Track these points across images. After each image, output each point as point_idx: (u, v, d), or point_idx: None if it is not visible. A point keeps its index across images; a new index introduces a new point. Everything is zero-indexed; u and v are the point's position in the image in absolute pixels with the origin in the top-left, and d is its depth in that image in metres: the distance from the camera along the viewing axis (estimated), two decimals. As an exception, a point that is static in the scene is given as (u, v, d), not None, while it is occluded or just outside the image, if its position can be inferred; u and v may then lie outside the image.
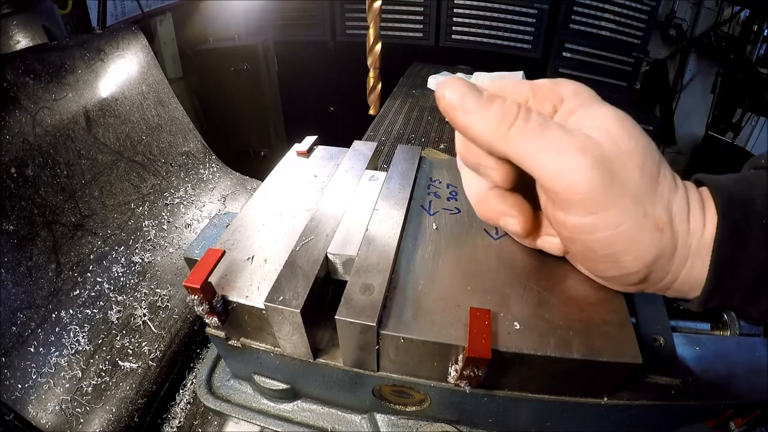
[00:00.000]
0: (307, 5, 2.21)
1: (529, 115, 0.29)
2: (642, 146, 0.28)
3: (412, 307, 0.34)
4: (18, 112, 0.61)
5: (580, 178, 0.27)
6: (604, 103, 0.30)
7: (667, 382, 0.36)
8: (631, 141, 0.28)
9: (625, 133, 0.28)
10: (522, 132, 0.28)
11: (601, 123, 0.29)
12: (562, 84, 0.32)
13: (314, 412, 0.45)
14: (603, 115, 0.29)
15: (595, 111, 0.30)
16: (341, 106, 2.47)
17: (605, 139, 0.28)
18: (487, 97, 0.30)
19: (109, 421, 0.50)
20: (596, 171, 0.27)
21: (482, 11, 2.07)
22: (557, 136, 0.28)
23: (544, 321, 0.33)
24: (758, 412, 0.38)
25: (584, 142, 0.28)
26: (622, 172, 0.27)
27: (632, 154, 0.28)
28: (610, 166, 0.27)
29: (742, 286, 0.28)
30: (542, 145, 0.28)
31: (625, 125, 0.29)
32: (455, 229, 0.42)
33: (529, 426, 0.39)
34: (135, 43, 0.85)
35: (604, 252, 0.29)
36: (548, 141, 0.28)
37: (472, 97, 0.30)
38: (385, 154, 1.11)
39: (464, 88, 0.30)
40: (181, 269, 0.69)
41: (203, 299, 0.34)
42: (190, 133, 0.90)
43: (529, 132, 0.28)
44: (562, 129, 0.28)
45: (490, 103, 0.29)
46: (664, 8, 2.27)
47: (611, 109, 0.30)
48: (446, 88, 0.30)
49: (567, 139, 0.28)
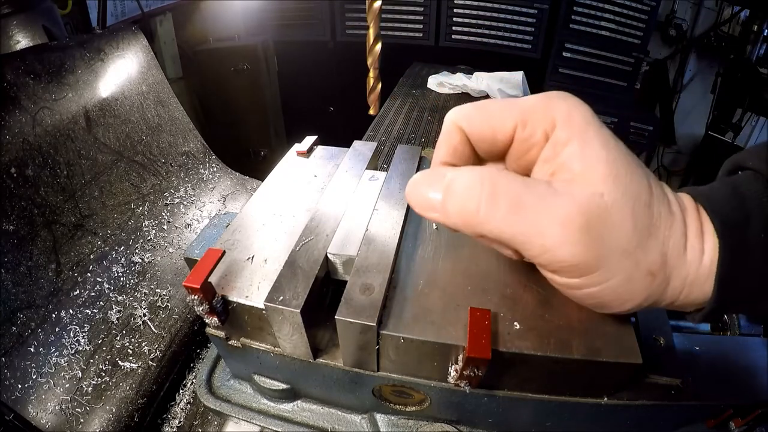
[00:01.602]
0: (307, 5, 2.21)
1: (495, 198, 0.27)
2: (632, 192, 0.27)
3: (412, 307, 0.34)
4: (18, 112, 0.61)
5: (565, 254, 0.26)
6: (597, 133, 0.28)
7: (667, 382, 0.36)
8: (620, 192, 0.26)
9: (616, 183, 0.26)
10: (494, 218, 0.27)
11: (589, 172, 0.27)
12: (554, 103, 0.29)
13: (314, 412, 0.45)
14: (593, 159, 0.27)
15: (585, 150, 0.27)
16: (341, 106, 2.47)
17: (592, 199, 0.26)
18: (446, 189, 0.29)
19: (109, 421, 0.50)
20: (581, 242, 0.26)
21: (482, 11, 2.07)
22: (534, 213, 0.26)
23: (544, 321, 0.33)
24: (758, 412, 0.38)
25: (566, 212, 0.26)
26: (611, 231, 0.26)
27: (622, 208, 0.26)
28: (597, 230, 0.26)
29: (743, 298, 0.28)
30: (519, 227, 0.27)
31: (616, 171, 0.27)
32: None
33: (529, 426, 0.39)
34: (135, 43, 0.85)
35: (592, 302, 0.30)
36: (525, 221, 0.26)
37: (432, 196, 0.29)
38: (385, 154, 1.10)
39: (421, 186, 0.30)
40: (181, 269, 0.69)
41: (203, 299, 0.34)
42: (190, 133, 0.90)
43: (500, 216, 0.27)
44: (538, 199, 0.26)
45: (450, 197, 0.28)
46: (664, 8, 2.27)
47: (601, 144, 0.27)
48: (409, 196, 0.31)
49: (546, 213, 0.26)
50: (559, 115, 0.29)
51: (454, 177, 0.29)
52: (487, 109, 0.31)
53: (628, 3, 1.96)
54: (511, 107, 0.30)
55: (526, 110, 0.30)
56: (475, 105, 0.32)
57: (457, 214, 0.28)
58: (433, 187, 0.29)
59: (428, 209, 0.30)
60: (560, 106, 0.29)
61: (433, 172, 0.31)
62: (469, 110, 0.32)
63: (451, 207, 0.29)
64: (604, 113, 1.99)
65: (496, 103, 0.31)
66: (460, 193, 0.28)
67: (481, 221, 0.27)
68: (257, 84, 2.10)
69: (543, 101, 0.30)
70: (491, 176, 0.28)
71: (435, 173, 0.30)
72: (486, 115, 0.31)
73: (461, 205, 0.28)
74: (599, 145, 0.27)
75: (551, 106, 0.29)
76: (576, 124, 0.28)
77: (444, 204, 0.29)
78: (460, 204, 0.28)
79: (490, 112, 0.31)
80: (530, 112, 0.29)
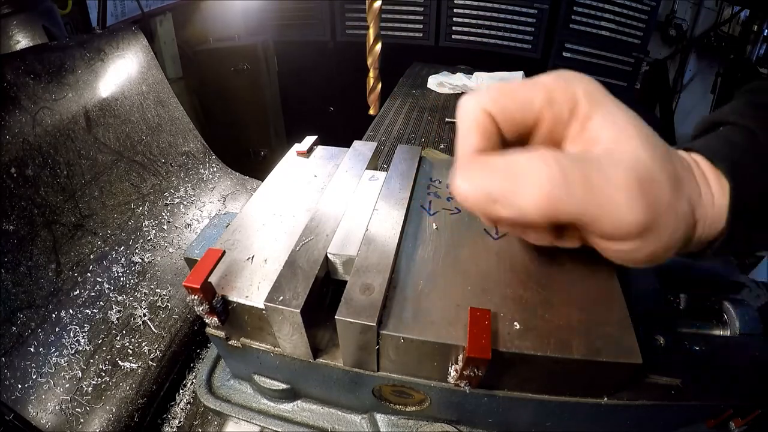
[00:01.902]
0: (307, 5, 2.21)
1: (570, 181, 0.26)
2: (659, 150, 0.28)
3: (412, 307, 0.34)
4: (18, 112, 0.61)
5: (632, 218, 0.27)
6: (614, 103, 0.29)
7: (667, 382, 0.36)
8: (652, 150, 0.28)
9: (646, 144, 0.28)
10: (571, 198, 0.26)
11: (622, 139, 0.28)
12: (572, 82, 0.29)
13: (314, 412, 0.45)
14: (621, 127, 0.28)
15: (611, 119, 0.28)
16: (341, 106, 2.47)
17: (636, 163, 0.27)
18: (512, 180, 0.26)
19: (109, 421, 0.50)
20: (642, 203, 0.26)
21: (482, 11, 2.07)
22: (601, 185, 0.26)
23: (544, 321, 0.33)
24: (758, 412, 0.38)
25: (623, 178, 0.26)
26: (658, 188, 0.27)
27: (659, 165, 0.27)
28: (650, 190, 0.27)
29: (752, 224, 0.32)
30: (594, 204, 0.26)
31: (643, 133, 0.28)
32: (455, 229, 0.42)
33: (529, 426, 0.39)
34: (135, 43, 0.85)
35: (641, 259, 0.30)
36: (597, 195, 0.26)
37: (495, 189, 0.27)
38: (385, 154, 1.11)
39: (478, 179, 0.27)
40: (181, 269, 0.69)
41: (203, 299, 0.34)
42: (190, 133, 0.90)
43: (578, 197, 0.26)
44: (599, 172, 0.26)
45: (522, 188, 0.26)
46: (664, 8, 2.27)
47: (623, 112, 0.29)
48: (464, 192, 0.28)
49: (608, 183, 0.26)
50: (580, 91, 0.29)
51: (518, 165, 0.27)
52: (512, 90, 0.30)
53: (628, 3, 1.96)
54: (535, 87, 0.30)
55: (550, 90, 0.29)
56: (498, 88, 0.30)
57: (529, 203, 0.26)
58: (491, 178, 0.27)
59: (490, 203, 0.27)
60: (577, 82, 0.29)
61: (477, 161, 0.28)
62: (495, 94, 0.30)
63: (520, 197, 0.26)
64: (604, 113, 1.98)
65: (518, 84, 0.30)
66: (528, 179, 0.26)
67: (561, 207, 0.26)
68: (257, 84, 2.10)
69: (560, 79, 0.30)
70: (553, 155, 0.26)
71: (482, 162, 0.28)
72: (513, 96, 0.30)
73: (534, 193, 0.26)
74: (622, 113, 0.29)
75: (569, 82, 0.29)
76: (596, 97, 0.29)
77: (508, 197, 0.26)
78: (532, 192, 0.26)
79: (516, 93, 0.30)
80: (554, 92, 0.29)
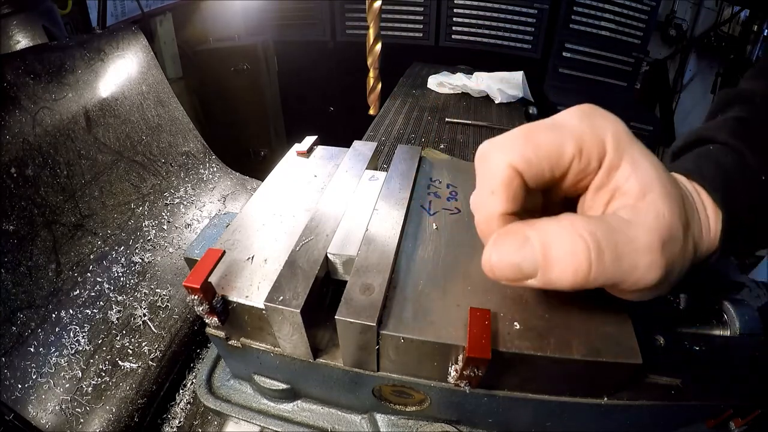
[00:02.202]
0: (307, 5, 2.21)
1: (602, 255, 0.26)
2: (677, 201, 0.28)
3: (412, 307, 0.34)
4: (18, 112, 0.61)
5: (651, 278, 0.27)
6: (639, 149, 0.28)
7: (667, 382, 0.36)
8: (671, 205, 0.27)
9: (669, 199, 0.27)
10: (603, 272, 0.26)
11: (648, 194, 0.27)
12: (599, 124, 0.28)
13: (314, 412, 0.45)
14: (647, 180, 0.28)
15: (638, 172, 0.28)
16: (341, 106, 2.47)
17: (659, 222, 0.27)
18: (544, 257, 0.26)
19: (109, 421, 0.50)
20: (662, 264, 0.27)
21: (482, 11, 2.07)
22: (628, 253, 0.26)
23: (544, 321, 0.33)
24: (758, 412, 0.38)
25: (647, 242, 0.26)
26: (675, 244, 0.28)
27: (677, 220, 0.28)
28: (668, 248, 0.27)
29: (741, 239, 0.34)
30: (620, 271, 0.26)
31: (667, 187, 0.28)
32: (455, 229, 0.42)
33: (529, 426, 0.39)
34: (135, 43, 0.85)
35: (653, 297, 0.30)
36: (624, 263, 0.26)
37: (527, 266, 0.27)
38: (385, 154, 1.11)
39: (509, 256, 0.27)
40: (181, 269, 0.69)
41: (203, 299, 0.34)
42: (190, 133, 0.90)
43: (608, 270, 0.26)
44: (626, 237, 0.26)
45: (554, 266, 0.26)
46: (664, 8, 2.27)
47: (646, 160, 0.28)
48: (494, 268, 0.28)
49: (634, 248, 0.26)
50: (609, 137, 0.28)
51: (547, 242, 0.26)
52: (539, 143, 0.28)
53: (628, 3, 1.96)
54: (563, 137, 0.28)
55: (579, 138, 0.28)
56: (525, 138, 0.28)
57: (566, 279, 0.26)
58: (524, 255, 0.27)
59: (522, 280, 0.28)
60: (605, 126, 0.28)
61: (511, 235, 0.28)
62: (523, 148, 0.28)
63: (557, 273, 0.26)
64: (604, 113, 1.98)
65: (545, 131, 0.28)
66: (565, 259, 0.26)
67: (590, 281, 0.26)
68: (257, 84, 2.10)
69: (588, 124, 0.28)
70: (588, 229, 0.26)
71: (515, 236, 0.28)
72: (543, 150, 0.28)
73: (572, 271, 0.26)
74: (648, 163, 0.28)
75: (597, 128, 0.28)
76: (623, 144, 0.28)
77: (546, 273, 0.27)
78: (570, 269, 0.26)
79: (546, 145, 0.28)
80: (583, 140, 0.28)
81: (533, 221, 0.28)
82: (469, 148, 1.18)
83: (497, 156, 0.29)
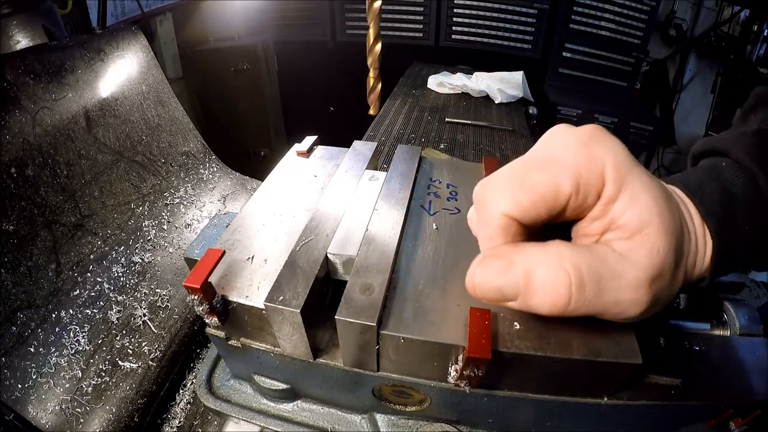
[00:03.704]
0: (307, 5, 2.21)
1: (583, 287, 0.26)
2: (676, 236, 0.28)
3: (412, 307, 0.34)
4: (18, 112, 0.61)
5: (634, 312, 0.27)
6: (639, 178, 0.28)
7: (667, 382, 0.36)
8: (669, 241, 0.27)
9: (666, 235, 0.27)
10: (583, 305, 0.27)
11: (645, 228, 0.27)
12: (597, 154, 0.27)
13: (314, 412, 0.45)
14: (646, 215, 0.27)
15: (636, 205, 0.27)
16: (341, 106, 2.47)
17: (652, 258, 0.27)
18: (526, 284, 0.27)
19: (109, 421, 0.50)
20: (648, 299, 0.27)
21: (482, 11, 2.07)
22: (612, 287, 0.27)
23: (544, 321, 0.33)
24: (758, 412, 0.38)
25: (635, 278, 0.26)
26: (664, 280, 0.28)
27: (672, 256, 0.27)
28: (657, 285, 0.27)
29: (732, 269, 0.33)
30: (602, 304, 0.27)
31: (666, 222, 0.27)
32: (455, 229, 0.42)
33: (529, 426, 0.39)
34: (135, 43, 0.85)
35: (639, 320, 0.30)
36: (606, 297, 0.27)
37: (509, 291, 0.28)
38: (385, 154, 1.11)
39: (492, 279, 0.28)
40: (181, 269, 0.69)
41: (203, 299, 0.34)
42: (190, 133, 0.90)
43: (588, 301, 0.27)
44: (612, 272, 0.26)
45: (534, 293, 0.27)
46: (664, 8, 2.27)
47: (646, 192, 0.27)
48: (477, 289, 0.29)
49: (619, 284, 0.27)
50: (608, 167, 0.27)
51: (530, 270, 0.27)
52: (534, 185, 0.27)
53: (628, 3, 1.95)
54: (559, 176, 0.27)
55: (576, 174, 0.27)
56: (518, 184, 0.28)
57: (544, 307, 0.27)
58: (507, 280, 0.27)
59: (503, 302, 0.29)
60: (604, 157, 0.27)
61: (497, 259, 0.28)
62: (515, 194, 0.28)
63: (537, 300, 0.27)
64: (604, 113, 1.99)
65: (538, 174, 0.28)
66: (545, 288, 0.27)
67: (569, 311, 0.27)
68: (257, 84, 2.10)
69: (586, 156, 0.27)
70: (572, 261, 0.26)
71: (501, 260, 0.28)
72: (536, 195, 0.27)
73: (551, 300, 0.27)
74: (648, 196, 0.27)
75: (595, 160, 0.27)
76: (622, 176, 0.27)
77: (525, 299, 0.27)
78: (549, 299, 0.27)
79: (539, 189, 0.27)
80: (580, 175, 0.27)
81: (522, 246, 0.28)
82: (469, 148, 1.18)
83: (492, 204, 0.29)
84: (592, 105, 1.99)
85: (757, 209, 0.31)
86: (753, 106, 0.39)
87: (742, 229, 0.31)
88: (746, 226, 0.31)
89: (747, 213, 0.31)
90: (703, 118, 2.46)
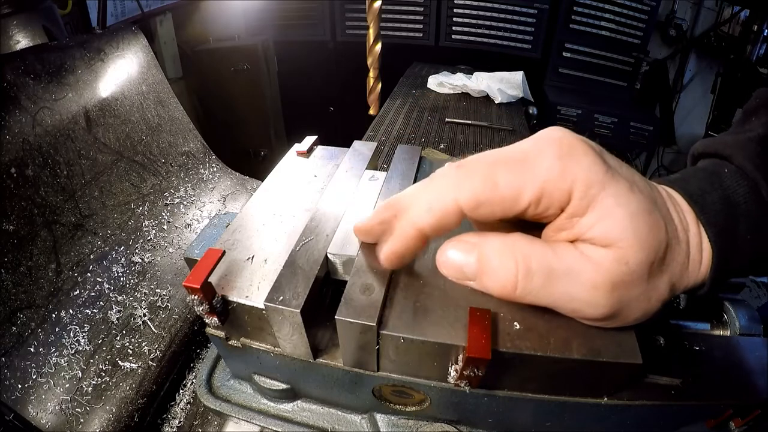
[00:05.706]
0: (307, 5, 2.21)
1: (530, 275, 0.28)
2: (654, 249, 0.28)
3: (412, 307, 0.34)
4: (18, 112, 0.61)
5: (592, 313, 0.29)
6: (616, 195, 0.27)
7: (667, 382, 0.36)
8: (644, 254, 0.27)
9: (640, 249, 0.27)
10: (530, 292, 0.28)
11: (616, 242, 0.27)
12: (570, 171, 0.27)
13: (314, 412, 0.45)
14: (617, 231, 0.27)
15: (607, 222, 0.27)
16: (341, 106, 2.47)
17: (618, 267, 0.27)
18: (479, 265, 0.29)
19: (109, 421, 0.50)
20: (607, 303, 0.28)
21: (482, 11, 2.07)
22: (566, 282, 0.28)
23: (544, 321, 0.33)
24: (758, 412, 0.38)
25: (593, 279, 0.27)
26: (632, 289, 0.28)
27: (644, 268, 0.28)
28: (621, 291, 0.28)
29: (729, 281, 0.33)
30: (553, 297, 0.29)
31: (641, 237, 0.27)
32: (455, 228, 0.42)
33: (529, 426, 0.39)
34: (135, 43, 0.85)
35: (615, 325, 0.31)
36: (557, 291, 0.28)
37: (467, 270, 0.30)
38: (385, 154, 1.10)
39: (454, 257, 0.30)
40: (181, 269, 0.69)
41: (203, 299, 0.34)
42: (190, 133, 0.90)
43: (535, 291, 0.28)
44: (568, 269, 0.27)
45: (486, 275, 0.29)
46: (664, 8, 2.27)
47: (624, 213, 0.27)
48: (441, 266, 0.31)
49: (575, 281, 0.28)
50: (577, 186, 0.27)
51: (487, 255, 0.29)
52: (497, 183, 0.27)
53: (628, 3, 1.96)
54: (525, 182, 0.27)
55: (541, 185, 0.27)
56: (483, 178, 0.28)
57: (495, 289, 0.29)
58: (467, 261, 0.30)
59: (464, 280, 0.31)
60: (576, 173, 0.27)
61: (462, 241, 0.31)
62: (476, 187, 0.28)
63: (489, 283, 0.29)
64: (604, 113, 1.99)
65: (506, 173, 0.28)
66: (496, 272, 0.29)
67: (518, 297, 0.29)
68: (257, 84, 2.10)
69: (559, 168, 0.27)
70: (523, 252, 0.28)
71: (466, 244, 0.30)
72: (496, 194, 0.28)
73: (500, 284, 0.29)
74: (622, 212, 0.27)
75: (567, 174, 0.27)
76: (593, 193, 0.27)
77: (480, 279, 0.30)
78: (498, 282, 0.29)
79: (501, 188, 0.27)
80: (544, 188, 0.27)
81: (488, 234, 0.30)
82: (469, 148, 1.18)
83: (451, 186, 0.29)
84: (592, 105, 1.99)
85: (759, 219, 0.31)
86: (756, 108, 0.38)
87: (743, 239, 0.31)
88: (747, 235, 0.31)
89: (749, 223, 0.31)
90: (703, 118, 2.46)
